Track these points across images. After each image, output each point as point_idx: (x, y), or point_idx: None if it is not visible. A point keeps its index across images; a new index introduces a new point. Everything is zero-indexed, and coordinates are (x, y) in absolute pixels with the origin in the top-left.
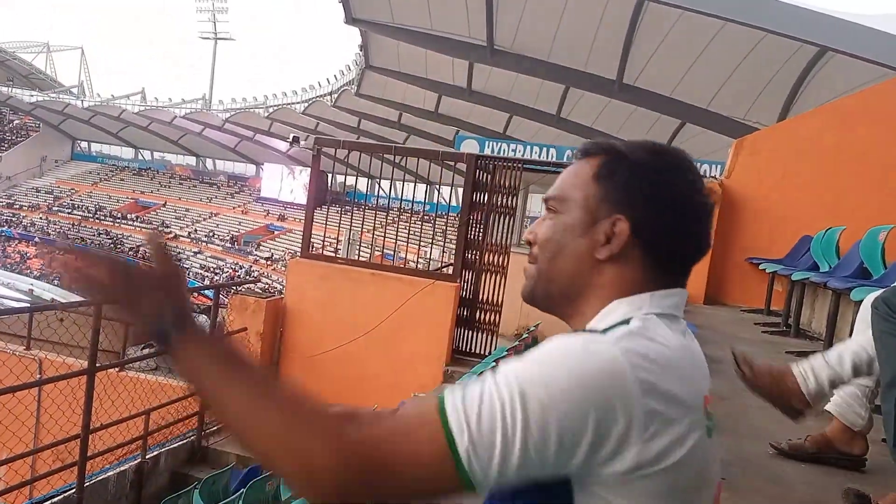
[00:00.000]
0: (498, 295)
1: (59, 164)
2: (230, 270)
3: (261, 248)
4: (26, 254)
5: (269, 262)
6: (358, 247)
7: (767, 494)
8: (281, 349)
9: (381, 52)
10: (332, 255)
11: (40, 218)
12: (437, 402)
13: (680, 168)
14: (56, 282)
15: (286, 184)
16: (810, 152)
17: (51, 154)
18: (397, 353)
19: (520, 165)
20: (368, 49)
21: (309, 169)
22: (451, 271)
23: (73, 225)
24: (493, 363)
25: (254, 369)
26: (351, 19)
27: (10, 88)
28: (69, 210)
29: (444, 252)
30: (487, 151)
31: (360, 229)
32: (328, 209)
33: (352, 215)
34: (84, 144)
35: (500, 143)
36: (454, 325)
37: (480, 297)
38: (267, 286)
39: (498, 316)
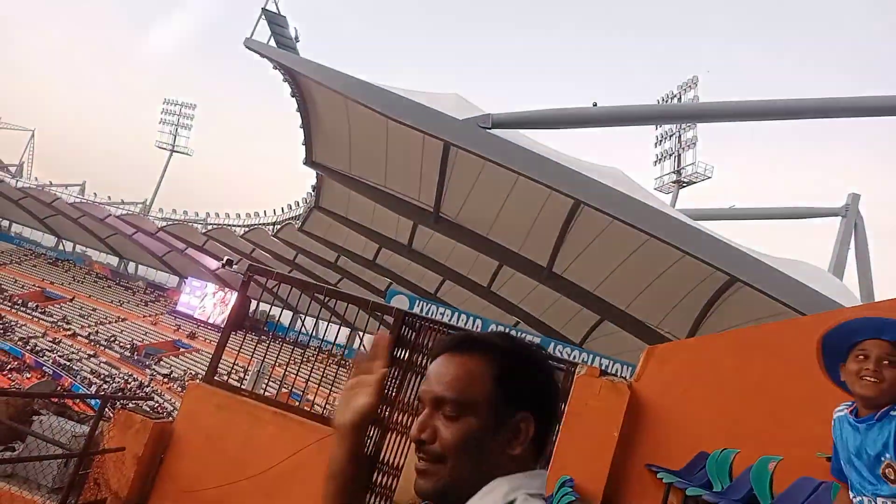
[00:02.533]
0: (400, 458)
1: None
2: (122, 381)
3: (161, 363)
4: None
5: (166, 380)
6: (266, 381)
7: None
8: (156, 478)
9: (332, 195)
10: (236, 385)
11: None
12: None
13: (547, 360)
14: None
15: (205, 302)
16: (712, 373)
17: None
18: None
19: (445, 330)
20: (321, 190)
21: (234, 292)
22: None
23: None
24: None
25: None
26: (310, 162)
27: None
28: None
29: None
30: (416, 310)
31: (272, 363)
32: (245, 336)
33: (268, 346)
34: (5, 223)
35: (429, 304)
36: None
37: (382, 457)
38: (158, 405)
39: (396, 481)
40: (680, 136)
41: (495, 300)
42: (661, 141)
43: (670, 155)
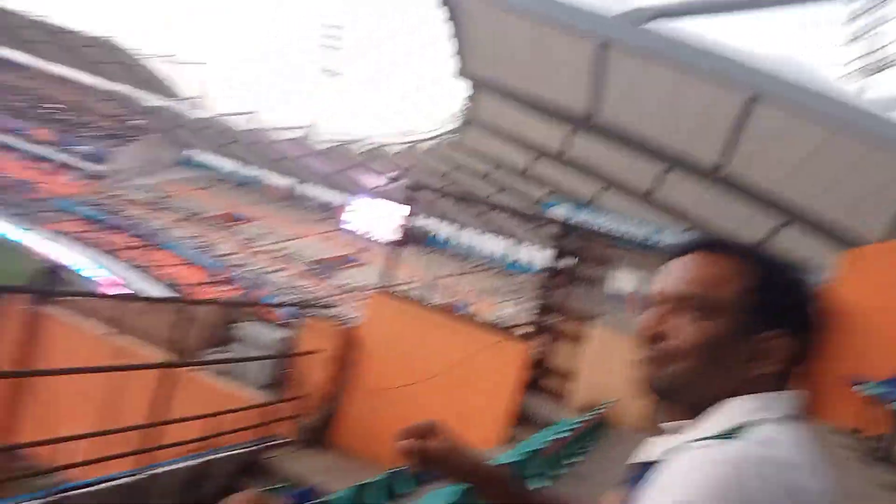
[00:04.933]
0: (570, 363)
1: (167, 168)
2: (305, 292)
3: (337, 276)
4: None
5: (342, 291)
6: (433, 292)
7: None
8: (347, 377)
9: (484, 107)
10: (411, 296)
11: (138, 214)
12: None
13: (806, 277)
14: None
15: (370, 219)
16: None
17: (159, 157)
18: (460, 404)
19: (612, 238)
20: (473, 103)
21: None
22: (524, 332)
23: (165, 225)
24: (554, 434)
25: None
26: (461, 73)
27: (133, 90)
28: (169, 210)
29: (518, 311)
30: (577, 219)
31: (436, 274)
32: (410, 250)
33: (432, 259)
34: (190, 152)
35: (589, 213)
36: (521, 387)
37: (552, 362)
38: (340, 314)
39: (567, 385)
40: (877, 8)
41: (658, 207)
42: (852, 19)
43: (863, 35)
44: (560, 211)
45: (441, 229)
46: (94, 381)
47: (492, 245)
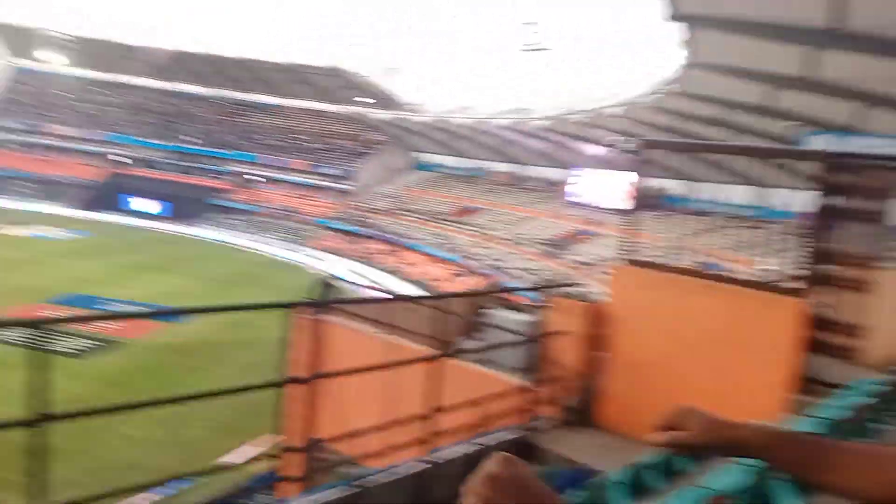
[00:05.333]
0: (858, 315)
1: (401, 173)
2: (544, 272)
3: (572, 251)
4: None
5: (581, 267)
6: (681, 255)
7: None
8: (603, 355)
9: (703, 45)
10: (658, 262)
11: (384, 221)
12: None
13: None
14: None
15: (596, 188)
16: None
17: (394, 164)
18: (730, 373)
19: (888, 163)
20: (690, 45)
21: (622, 173)
22: (795, 286)
23: (409, 227)
24: (855, 399)
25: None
26: (675, 15)
27: (366, 108)
28: (409, 213)
29: (783, 263)
30: (843, 149)
31: (680, 236)
32: (646, 215)
33: (673, 221)
34: (419, 155)
35: (855, 139)
36: (800, 348)
37: (835, 317)
38: (582, 290)
39: (857, 341)
40: None
41: None
42: None
43: None
44: (817, 142)
45: (677, 188)
46: (373, 377)
47: (738, 195)
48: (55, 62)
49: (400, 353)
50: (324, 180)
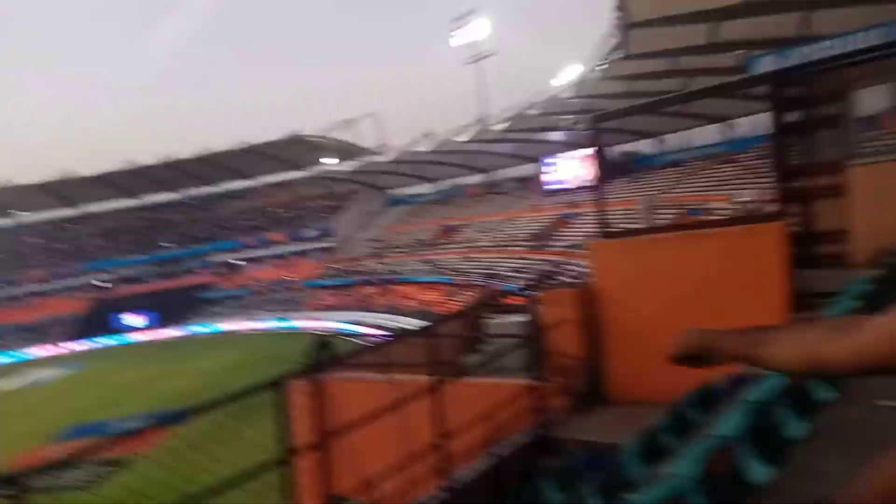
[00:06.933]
0: (838, 221)
1: (378, 215)
2: (535, 267)
3: (558, 238)
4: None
5: (568, 251)
6: (656, 211)
7: None
8: (600, 332)
9: (640, 3)
10: (631, 228)
11: (373, 263)
12: None
13: None
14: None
15: (572, 170)
16: None
17: (370, 208)
18: (724, 311)
19: (839, 62)
20: (626, 7)
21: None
22: (773, 209)
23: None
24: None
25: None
26: None
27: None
28: (394, 249)
29: (759, 191)
30: (790, 64)
31: (654, 193)
32: (618, 182)
33: (648, 180)
34: (392, 191)
35: (803, 49)
36: (789, 268)
37: (815, 228)
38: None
39: (842, 245)
40: None
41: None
42: None
43: None
44: (767, 63)
45: (649, 147)
46: (381, 421)
47: (706, 136)
48: (16, 214)
49: (403, 389)
50: (305, 244)
